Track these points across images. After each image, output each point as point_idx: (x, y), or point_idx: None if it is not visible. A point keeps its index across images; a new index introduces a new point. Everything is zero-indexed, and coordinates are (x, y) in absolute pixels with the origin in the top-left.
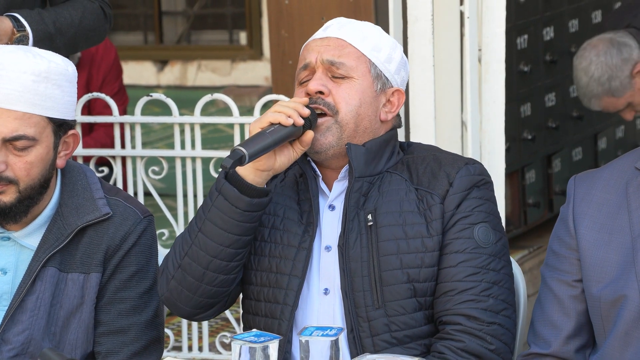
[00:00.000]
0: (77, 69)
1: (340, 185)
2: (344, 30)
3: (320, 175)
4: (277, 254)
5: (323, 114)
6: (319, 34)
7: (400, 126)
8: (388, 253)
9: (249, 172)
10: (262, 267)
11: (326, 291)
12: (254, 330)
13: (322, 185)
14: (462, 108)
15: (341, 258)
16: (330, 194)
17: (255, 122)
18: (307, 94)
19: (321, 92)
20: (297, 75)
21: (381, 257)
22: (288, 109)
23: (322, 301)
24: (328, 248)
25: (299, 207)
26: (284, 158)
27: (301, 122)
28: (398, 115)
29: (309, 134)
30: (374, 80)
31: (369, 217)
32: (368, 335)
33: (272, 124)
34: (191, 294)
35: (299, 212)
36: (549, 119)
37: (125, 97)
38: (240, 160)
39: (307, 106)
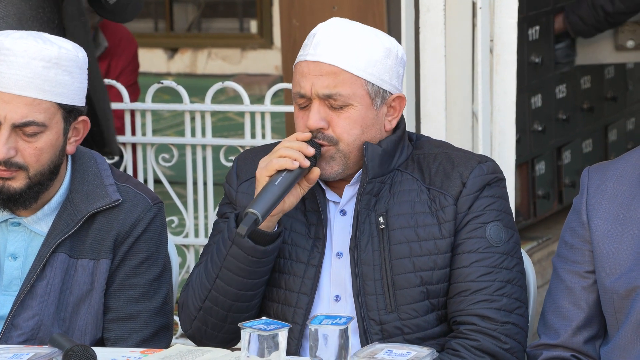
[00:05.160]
0: (100, 59)
1: (351, 190)
2: (335, 52)
3: (326, 187)
4: (285, 270)
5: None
6: (310, 53)
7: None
8: (400, 256)
9: None
10: (271, 281)
11: (337, 298)
12: (263, 317)
13: (330, 195)
14: (473, 99)
15: (353, 262)
16: (342, 199)
17: (261, 170)
18: (307, 128)
19: (321, 128)
20: (294, 97)
21: (393, 261)
22: (293, 152)
23: (333, 309)
24: (339, 254)
25: (305, 219)
26: (292, 198)
27: (307, 163)
28: None
29: (316, 172)
30: (373, 99)
31: (381, 219)
32: (380, 338)
33: (278, 171)
34: (216, 332)
35: (306, 225)
36: (560, 111)
37: (137, 91)
38: (255, 223)
39: (310, 141)
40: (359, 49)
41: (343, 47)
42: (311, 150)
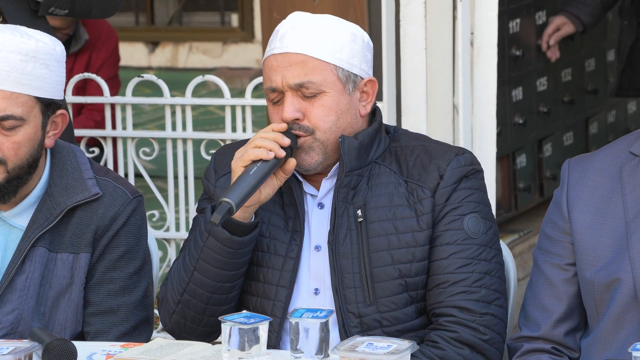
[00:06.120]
0: (80, 52)
1: (329, 183)
2: (301, 41)
3: (303, 180)
4: (264, 263)
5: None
6: (277, 47)
7: (376, 105)
8: (379, 249)
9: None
10: (250, 275)
11: (316, 291)
12: (244, 311)
13: (307, 188)
14: (454, 92)
15: (331, 255)
16: (319, 193)
17: (237, 161)
18: (283, 120)
19: (296, 118)
20: (266, 94)
21: (372, 254)
22: (268, 142)
23: (312, 302)
24: (318, 248)
25: (283, 213)
26: (269, 189)
27: (283, 154)
28: None
29: (292, 162)
30: (345, 84)
31: (359, 212)
32: (359, 331)
33: (254, 161)
34: (195, 325)
35: (284, 218)
36: (541, 104)
37: (118, 85)
38: (228, 212)
39: (285, 132)
40: (324, 35)
41: (308, 36)
42: (287, 141)
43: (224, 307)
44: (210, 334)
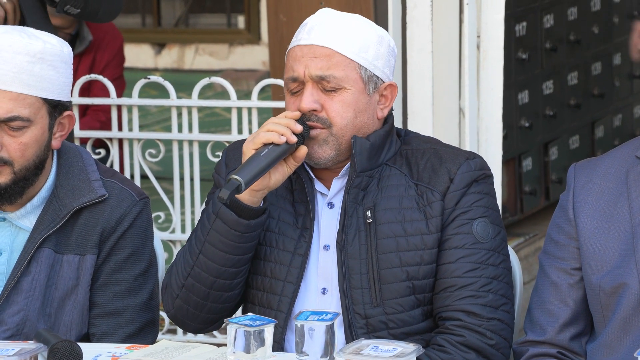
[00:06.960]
0: (85, 53)
1: (340, 182)
2: (328, 35)
3: (314, 177)
4: (272, 259)
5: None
6: (303, 38)
7: (392, 109)
8: (387, 251)
9: (244, 194)
10: (257, 270)
11: (324, 291)
12: (249, 313)
13: (318, 186)
14: (460, 95)
15: (339, 255)
16: (330, 192)
17: (248, 143)
18: (300, 110)
19: (314, 109)
20: (286, 84)
21: (380, 255)
22: (280, 127)
23: (320, 301)
24: (327, 247)
25: (293, 209)
26: (279, 175)
27: (294, 139)
28: None
29: (303, 150)
30: (366, 84)
31: (368, 214)
32: (365, 332)
33: (265, 145)
34: (197, 311)
35: (294, 215)
36: (547, 107)
37: (123, 85)
38: (237, 189)
39: (299, 120)
40: (352, 33)
41: (336, 31)
42: (299, 127)
43: (227, 293)
44: (212, 322)
